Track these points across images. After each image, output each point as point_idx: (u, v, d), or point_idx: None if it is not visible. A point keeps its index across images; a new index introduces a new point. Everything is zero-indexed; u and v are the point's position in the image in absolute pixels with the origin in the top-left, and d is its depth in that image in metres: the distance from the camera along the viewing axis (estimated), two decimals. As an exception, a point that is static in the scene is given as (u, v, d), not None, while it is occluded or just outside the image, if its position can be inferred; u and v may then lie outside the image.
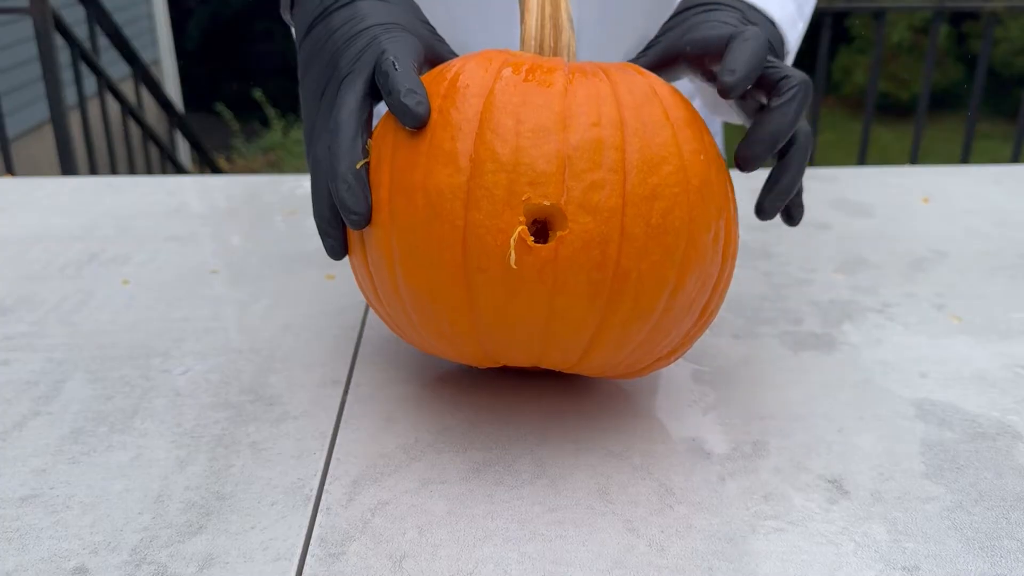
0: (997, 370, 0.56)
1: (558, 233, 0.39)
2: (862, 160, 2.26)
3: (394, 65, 0.42)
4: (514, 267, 0.39)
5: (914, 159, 2.22)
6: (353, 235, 0.45)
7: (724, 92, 0.42)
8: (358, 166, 0.42)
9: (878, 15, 2.14)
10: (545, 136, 0.40)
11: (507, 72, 0.42)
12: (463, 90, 0.41)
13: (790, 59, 0.56)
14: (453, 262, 0.40)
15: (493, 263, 0.39)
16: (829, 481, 0.45)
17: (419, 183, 0.41)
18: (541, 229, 0.40)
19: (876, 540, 0.41)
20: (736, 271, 0.70)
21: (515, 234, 0.39)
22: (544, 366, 0.45)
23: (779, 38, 0.52)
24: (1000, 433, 0.49)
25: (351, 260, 0.47)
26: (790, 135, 0.44)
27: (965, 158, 2.21)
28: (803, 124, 0.46)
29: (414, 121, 0.41)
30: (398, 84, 0.41)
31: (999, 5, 2.30)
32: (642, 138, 0.41)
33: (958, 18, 5.50)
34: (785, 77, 0.44)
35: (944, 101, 5.17)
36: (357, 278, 0.48)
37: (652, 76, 0.45)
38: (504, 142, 0.40)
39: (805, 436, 0.49)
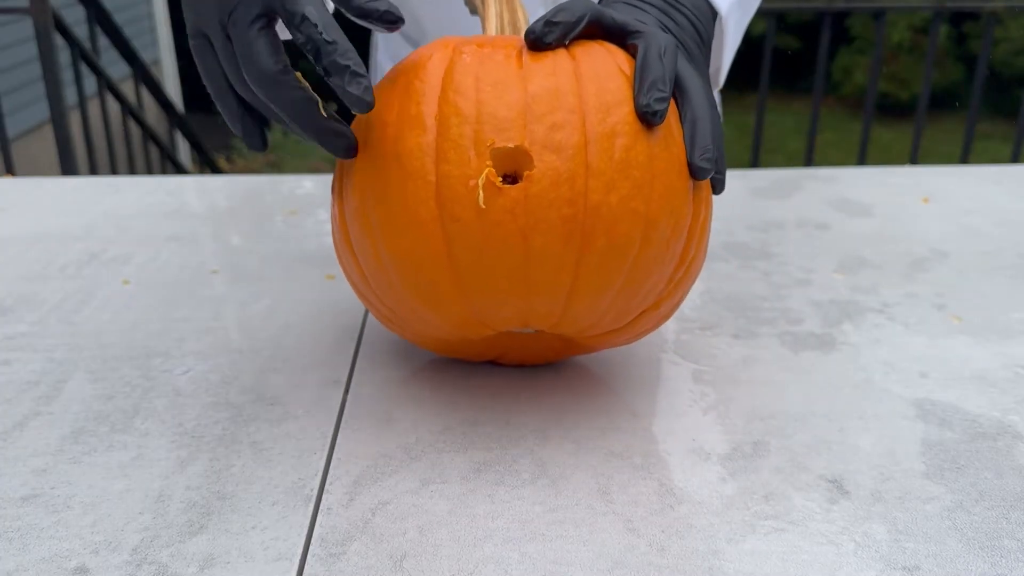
0: (997, 370, 0.56)
1: (525, 173, 0.41)
2: (862, 160, 2.26)
3: (319, 30, 0.40)
4: (483, 206, 0.40)
5: (914, 159, 2.22)
6: (336, 218, 0.47)
7: (644, 118, 0.43)
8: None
9: (878, 15, 2.14)
10: (504, 88, 0.42)
11: (465, 47, 0.45)
12: (425, 62, 0.44)
13: (730, 42, 0.58)
14: (429, 217, 0.42)
15: (466, 210, 0.41)
16: (829, 481, 0.45)
17: (390, 150, 0.43)
18: (512, 182, 0.42)
19: (876, 540, 0.41)
20: (736, 271, 0.70)
21: (482, 176, 0.41)
22: (532, 324, 0.45)
23: (707, 18, 0.53)
24: (1000, 433, 0.49)
25: (337, 250, 0.48)
26: (667, 73, 0.44)
27: (965, 158, 2.21)
28: (663, 39, 0.45)
29: (365, 109, 0.41)
30: (338, 64, 0.40)
31: (999, 5, 2.30)
32: (597, 84, 0.43)
33: (958, 18, 5.50)
34: (640, 43, 0.45)
35: (944, 101, 5.17)
36: (344, 267, 0.49)
37: (605, 42, 0.47)
38: (466, 98, 0.42)
39: (805, 436, 0.49)
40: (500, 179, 0.41)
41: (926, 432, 0.49)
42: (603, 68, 0.44)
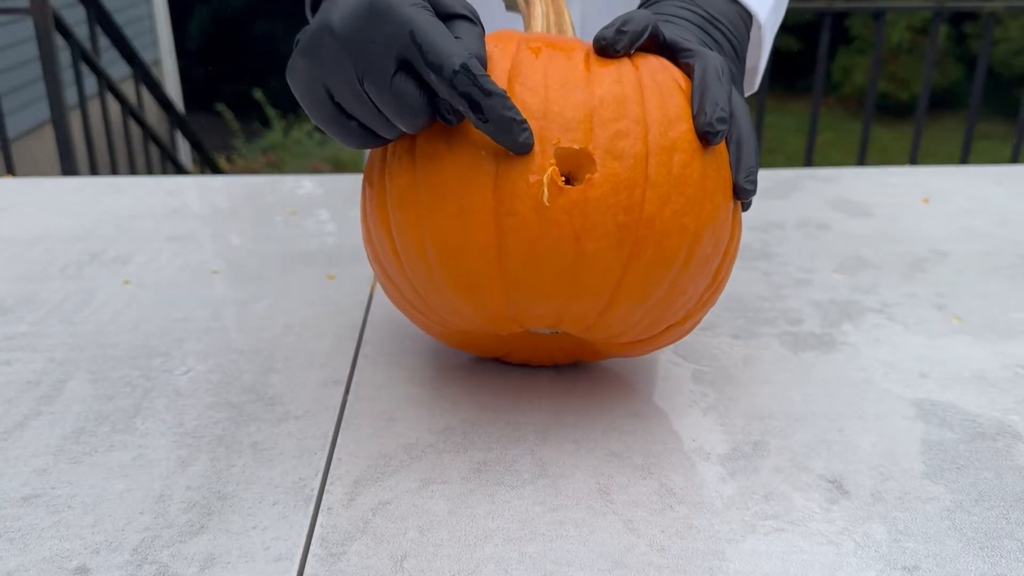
0: (997, 370, 0.56)
1: (587, 176, 0.41)
2: (862, 160, 2.27)
3: (477, 83, 0.39)
4: (546, 204, 0.41)
5: (914, 159, 2.23)
6: (372, 200, 0.46)
7: (704, 137, 0.43)
8: None
9: (878, 15, 2.14)
10: (572, 89, 0.42)
11: (528, 43, 0.45)
12: (489, 55, 0.43)
13: (767, 47, 0.59)
14: (484, 208, 0.41)
15: (524, 206, 0.41)
16: (829, 481, 0.45)
17: (450, 137, 0.42)
18: (566, 183, 0.42)
19: (876, 540, 0.41)
20: (736, 271, 0.70)
21: (547, 174, 0.41)
22: (564, 326, 0.45)
23: (743, 33, 0.54)
24: (1000, 433, 0.49)
25: (366, 232, 0.48)
26: (727, 94, 0.44)
27: (965, 158, 2.21)
28: (719, 60, 0.45)
29: (528, 151, 0.41)
30: (504, 118, 0.40)
31: (999, 5, 2.30)
32: (659, 97, 0.43)
33: (958, 18, 5.50)
34: (696, 62, 0.46)
35: (944, 101, 5.17)
36: (375, 248, 0.48)
37: (659, 56, 0.47)
38: (533, 93, 0.42)
39: (805, 436, 0.49)
40: (562, 179, 0.41)
41: (926, 432, 0.49)
42: (664, 82, 0.44)
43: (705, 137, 0.43)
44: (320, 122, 0.43)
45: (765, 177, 0.94)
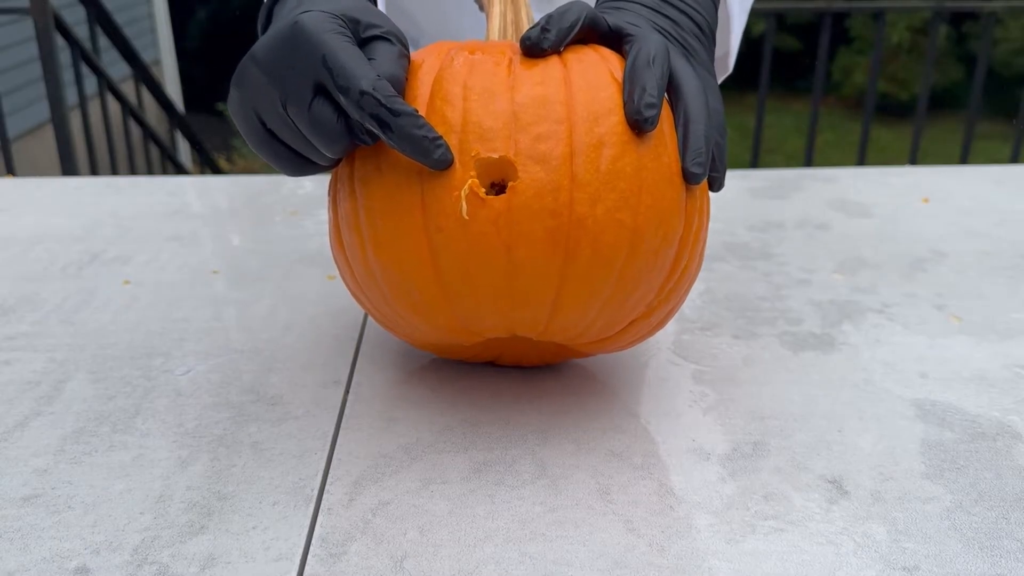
0: (997, 370, 0.56)
1: (509, 184, 0.41)
2: (862, 160, 2.27)
3: (382, 103, 0.39)
4: (465, 217, 0.41)
5: (914, 159, 2.23)
6: (331, 225, 0.47)
7: (635, 125, 0.43)
8: None
9: (878, 15, 2.15)
10: (491, 97, 0.42)
11: (458, 53, 0.44)
12: (417, 69, 0.44)
13: (736, 25, 0.58)
14: (414, 226, 0.42)
15: (450, 221, 0.41)
16: (829, 481, 0.45)
17: (379, 157, 0.43)
18: (501, 191, 0.41)
19: (876, 540, 0.41)
20: (736, 271, 0.70)
21: (465, 187, 0.41)
22: (519, 333, 0.45)
23: (709, 7, 0.52)
24: (1000, 433, 0.49)
25: (332, 254, 0.49)
26: (656, 79, 0.43)
27: (965, 158, 2.21)
28: (654, 43, 0.44)
29: (447, 166, 0.41)
30: (414, 136, 0.40)
31: (999, 5, 2.30)
32: (587, 93, 0.43)
33: (958, 18, 5.50)
34: (630, 48, 0.45)
35: (944, 101, 5.17)
36: (339, 271, 0.49)
37: (600, 47, 0.46)
38: (453, 107, 0.42)
39: (805, 436, 0.49)
40: (489, 188, 0.41)
41: (926, 432, 0.49)
42: (594, 76, 0.43)
43: (634, 126, 0.42)
44: (256, 149, 0.44)
45: (765, 177, 0.94)
